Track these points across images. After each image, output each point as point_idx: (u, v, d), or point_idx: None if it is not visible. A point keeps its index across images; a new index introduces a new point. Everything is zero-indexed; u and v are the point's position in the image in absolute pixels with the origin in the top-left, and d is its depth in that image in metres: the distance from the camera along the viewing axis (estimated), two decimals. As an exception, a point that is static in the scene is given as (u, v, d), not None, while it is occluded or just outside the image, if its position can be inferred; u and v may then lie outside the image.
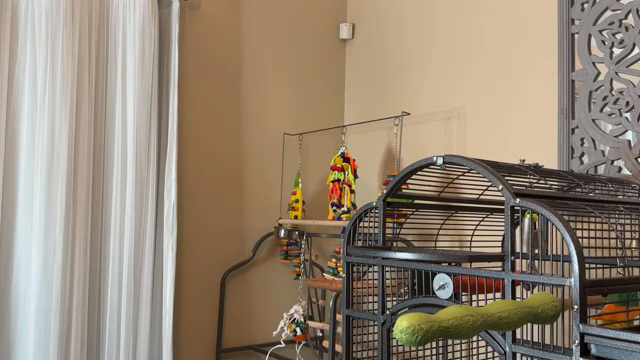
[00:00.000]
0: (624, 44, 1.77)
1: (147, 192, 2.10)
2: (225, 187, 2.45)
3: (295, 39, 2.69)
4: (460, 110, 2.28)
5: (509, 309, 0.93)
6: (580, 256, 0.96)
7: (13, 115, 1.92)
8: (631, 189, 1.52)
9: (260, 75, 2.57)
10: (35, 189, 1.90)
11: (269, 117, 2.60)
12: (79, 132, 1.99)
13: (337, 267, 2.12)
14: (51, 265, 1.89)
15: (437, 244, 1.72)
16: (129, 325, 2.03)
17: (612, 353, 0.91)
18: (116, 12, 2.10)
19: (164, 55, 2.22)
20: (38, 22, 1.93)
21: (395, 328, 0.84)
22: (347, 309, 1.44)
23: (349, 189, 2.24)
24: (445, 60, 2.37)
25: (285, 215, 2.59)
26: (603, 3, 1.82)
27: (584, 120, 1.84)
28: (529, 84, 2.05)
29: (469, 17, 2.29)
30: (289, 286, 2.60)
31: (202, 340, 2.35)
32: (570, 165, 1.87)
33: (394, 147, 2.55)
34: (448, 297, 1.17)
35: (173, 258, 2.11)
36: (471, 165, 1.19)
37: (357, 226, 1.45)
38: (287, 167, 2.63)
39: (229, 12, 2.49)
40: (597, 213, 1.15)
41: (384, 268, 1.35)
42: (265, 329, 2.53)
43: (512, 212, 1.09)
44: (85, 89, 2.01)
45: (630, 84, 1.75)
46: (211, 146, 2.41)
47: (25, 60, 1.93)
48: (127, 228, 2.05)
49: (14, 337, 1.88)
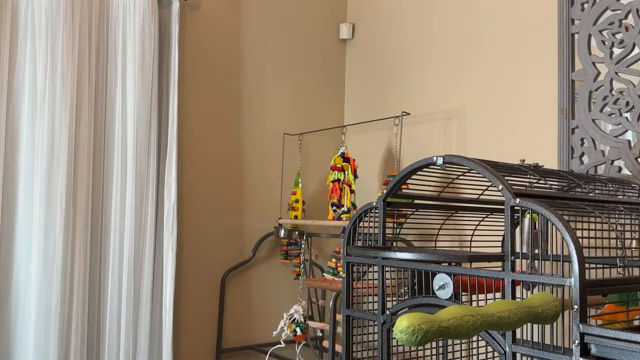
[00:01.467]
0: (624, 44, 1.77)
1: (147, 192, 2.10)
2: (225, 187, 2.45)
3: (295, 39, 2.70)
4: (460, 110, 2.28)
5: (509, 309, 0.93)
6: (580, 256, 0.96)
7: (13, 115, 1.92)
8: (631, 189, 1.52)
9: (260, 75, 2.57)
10: (35, 189, 1.90)
11: (269, 117, 2.60)
12: (79, 132, 1.99)
13: (337, 267, 2.12)
14: (51, 265, 1.89)
15: (437, 244, 1.72)
16: (129, 325, 2.03)
17: (612, 353, 0.91)
18: (116, 12, 2.10)
19: (164, 55, 2.22)
20: (38, 22, 1.93)
21: (395, 328, 0.84)
22: (347, 309, 1.44)
23: (349, 189, 2.24)
24: (445, 60, 2.37)
25: (285, 215, 2.59)
26: (603, 3, 1.82)
27: (584, 120, 1.84)
28: (529, 84, 2.05)
29: (469, 17, 2.29)
30: (289, 286, 2.60)
31: (202, 340, 2.35)
32: (570, 165, 1.87)
33: (394, 147, 2.55)
34: (448, 297, 1.17)
35: (173, 258, 2.12)
36: (471, 165, 1.19)
37: (357, 226, 1.45)
38: (287, 167, 2.63)
39: (229, 12, 2.49)
40: (597, 213, 1.15)
41: (384, 268, 1.35)
42: (265, 329, 2.53)
43: (512, 212, 1.09)
44: (85, 89, 2.01)
45: (630, 84, 1.75)
46: (211, 146, 2.41)
47: (25, 60, 1.93)
48: (127, 228, 2.05)
49: (14, 337, 1.88)
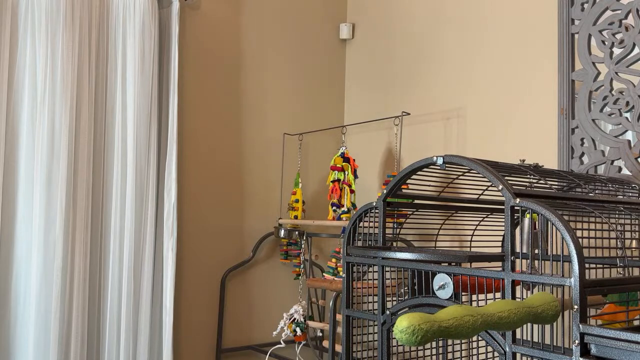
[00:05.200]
0: (624, 44, 1.77)
1: (147, 193, 2.10)
2: (225, 187, 2.45)
3: (295, 39, 2.69)
4: (460, 110, 2.28)
5: (509, 309, 0.93)
6: (580, 256, 0.96)
7: (13, 115, 1.92)
8: (631, 189, 1.52)
9: (260, 75, 2.57)
10: (35, 189, 1.90)
11: (269, 117, 2.60)
12: (79, 132, 1.99)
13: (337, 267, 2.12)
14: (51, 265, 1.89)
15: (437, 244, 1.72)
16: (129, 325, 2.03)
17: (612, 353, 0.91)
18: (116, 12, 2.10)
19: (164, 55, 2.22)
20: (38, 22, 1.93)
21: (395, 328, 0.84)
22: (347, 309, 1.44)
23: (349, 189, 2.24)
24: (446, 60, 2.36)
25: (285, 215, 2.59)
26: (603, 3, 1.82)
27: (584, 120, 1.84)
28: (529, 84, 2.05)
29: (469, 17, 2.29)
30: (289, 286, 2.60)
31: (202, 340, 2.35)
32: (570, 165, 1.87)
33: (394, 147, 2.55)
34: (448, 297, 1.17)
35: (173, 258, 2.11)
36: (471, 165, 1.19)
37: (357, 226, 1.45)
38: (287, 167, 2.63)
39: (229, 12, 2.49)
40: (597, 213, 1.15)
41: (384, 268, 1.35)
42: (265, 329, 2.53)
43: (512, 212, 1.09)
44: (85, 89, 2.01)
45: (630, 84, 1.75)
46: (211, 146, 2.41)
47: (25, 60, 1.93)
48: (127, 228, 2.05)
49: (14, 337, 1.88)
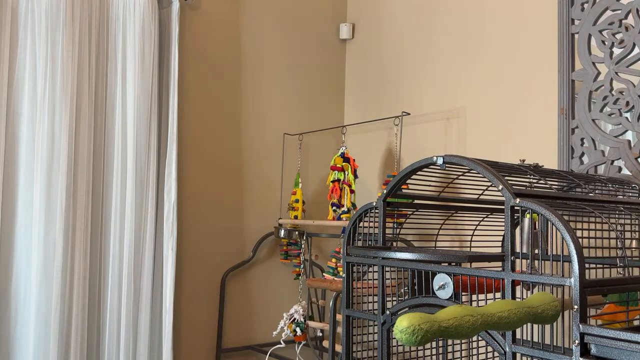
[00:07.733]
0: (624, 44, 1.77)
1: (147, 193, 2.10)
2: (225, 187, 2.45)
3: (295, 39, 2.69)
4: (460, 110, 2.28)
5: (509, 309, 0.93)
6: (580, 256, 0.96)
7: (13, 115, 1.92)
8: (631, 189, 1.52)
9: (260, 75, 2.57)
10: (35, 189, 1.90)
11: (269, 117, 2.59)
12: (79, 132, 1.99)
13: (337, 267, 2.12)
14: (51, 265, 1.89)
15: (437, 244, 1.72)
16: (129, 325, 2.03)
17: (612, 353, 0.91)
18: (116, 12, 2.10)
19: (164, 55, 2.22)
20: (38, 22, 1.93)
21: (395, 328, 0.84)
22: (347, 309, 1.44)
23: (349, 189, 2.24)
24: (445, 60, 2.36)
25: (285, 215, 2.59)
26: (603, 3, 1.82)
27: (584, 120, 1.84)
28: (529, 84, 2.05)
29: (469, 17, 2.29)
30: (289, 286, 2.60)
31: (202, 340, 2.35)
32: (570, 165, 1.87)
33: (394, 147, 2.55)
34: (448, 297, 1.17)
35: (173, 258, 2.11)
36: (471, 165, 1.19)
37: (357, 226, 1.45)
38: (287, 167, 2.63)
39: (229, 12, 2.49)
40: (597, 213, 1.15)
41: (384, 268, 1.35)
42: (265, 329, 2.53)
43: (512, 212, 1.09)
44: (85, 89, 2.01)
45: (630, 84, 1.75)
46: (211, 146, 2.41)
47: (25, 60, 1.93)
48: (127, 228, 2.05)
49: (14, 337, 1.88)
